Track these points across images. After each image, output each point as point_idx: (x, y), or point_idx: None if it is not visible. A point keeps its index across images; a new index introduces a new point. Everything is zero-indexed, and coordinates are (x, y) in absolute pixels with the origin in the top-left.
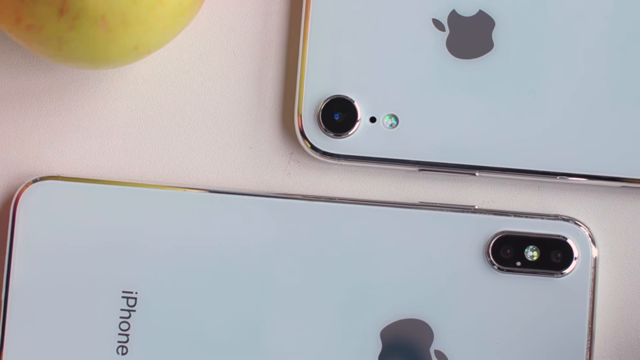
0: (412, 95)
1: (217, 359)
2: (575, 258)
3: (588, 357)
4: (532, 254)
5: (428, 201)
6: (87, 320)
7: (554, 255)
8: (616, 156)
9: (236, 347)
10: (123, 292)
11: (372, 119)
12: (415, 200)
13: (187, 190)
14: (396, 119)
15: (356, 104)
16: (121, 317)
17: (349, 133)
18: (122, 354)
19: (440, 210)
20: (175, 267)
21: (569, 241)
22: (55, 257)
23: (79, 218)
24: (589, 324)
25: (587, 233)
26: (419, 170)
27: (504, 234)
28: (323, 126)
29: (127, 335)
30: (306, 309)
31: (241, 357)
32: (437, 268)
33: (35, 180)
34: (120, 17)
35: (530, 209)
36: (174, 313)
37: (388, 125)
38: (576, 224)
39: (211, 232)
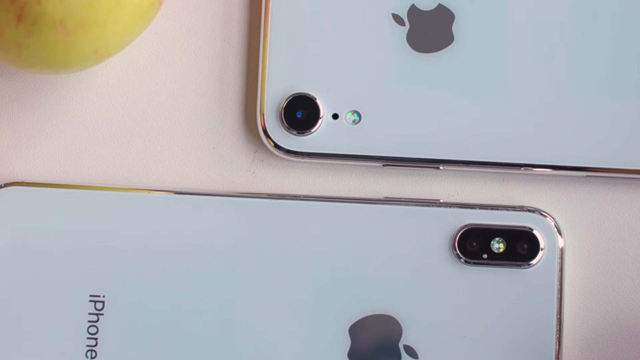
0: (374, 90)
1: (187, 359)
2: (542, 249)
3: (557, 347)
4: (498, 246)
5: (393, 196)
6: (55, 325)
7: (520, 247)
8: (580, 146)
9: (205, 347)
10: (90, 296)
11: (335, 116)
12: (380, 196)
13: (151, 192)
14: (359, 114)
15: (318, 101)
16: (89, 321)
17: (312, 130)
18: (91, 357)
19: (405, 205)
20: (142, 270)
21: (535, 232)
22: (21, 263)
23: (44, 223)
24: (557, 314)
25: (552, 223)
26: (383, 165)
27: (469, 227)
28: (286, 124)
29: (95, 339)
30: (274, 307)
31: (211, 356)
32: (404, 263)
33: None
34: (78, 21)
35: (496, 201)
36: (142, 315)
37: (351, 122)
38: (542, 214)
39: (177, 233)
